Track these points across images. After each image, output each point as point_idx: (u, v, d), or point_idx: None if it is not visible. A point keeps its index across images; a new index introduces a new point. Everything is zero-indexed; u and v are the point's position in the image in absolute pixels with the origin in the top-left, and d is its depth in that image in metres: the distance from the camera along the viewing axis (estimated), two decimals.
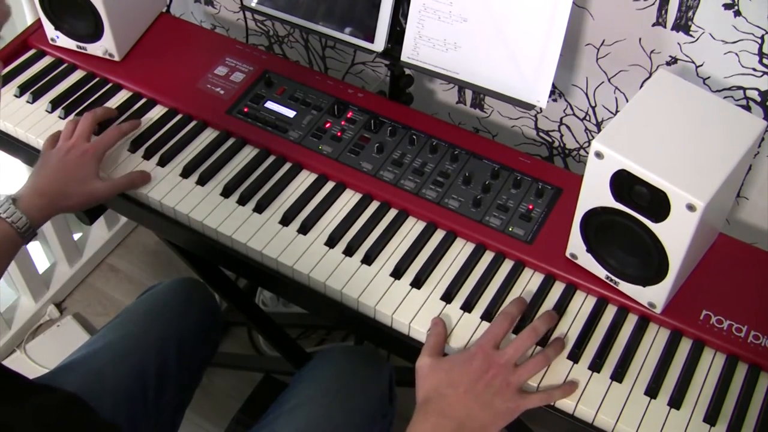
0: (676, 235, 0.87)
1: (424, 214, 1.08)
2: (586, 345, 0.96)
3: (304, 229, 1.06)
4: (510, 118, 1.36)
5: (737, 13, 1.02)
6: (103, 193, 1.08)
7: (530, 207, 1.07)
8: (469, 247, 1.05)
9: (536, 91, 1.10)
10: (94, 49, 1.27)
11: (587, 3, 1.14)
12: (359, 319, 1.01)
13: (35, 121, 1.20)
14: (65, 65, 1.29)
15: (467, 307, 0.99)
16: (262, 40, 1.59)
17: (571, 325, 0.98)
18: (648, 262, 0.92)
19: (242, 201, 1.10)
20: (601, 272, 0.99)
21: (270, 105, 1.21)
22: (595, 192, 0.91)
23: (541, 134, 1.36)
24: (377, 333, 1.00)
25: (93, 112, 1.16)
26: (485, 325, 0.97)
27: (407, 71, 1.28)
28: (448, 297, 1.00)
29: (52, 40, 1.28)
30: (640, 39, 1.13)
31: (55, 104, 1.22)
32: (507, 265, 1.04)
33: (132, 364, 1.12)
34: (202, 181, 1.12)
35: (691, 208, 0.83)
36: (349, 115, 1.19)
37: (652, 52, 1.13)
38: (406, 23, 1.16)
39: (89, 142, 1.11)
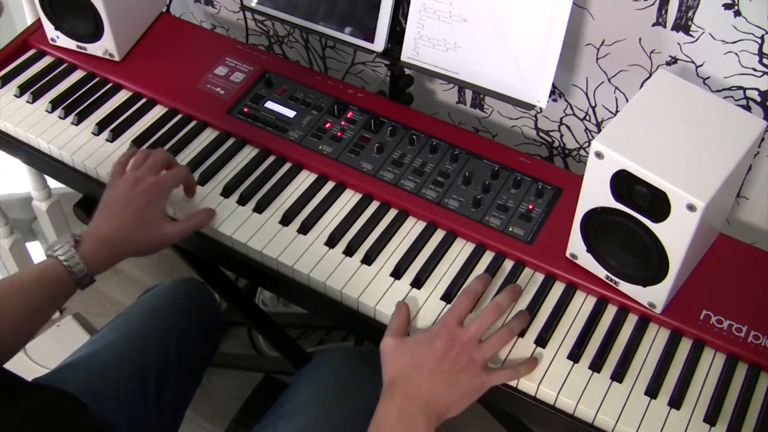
0: (676, 235, 0.87)
1: (424, 214, 1.08)
2: (586, 345, 0.96)
3: (304, 229, 1.06)
4: (510, 118, 1.36)
5: (737, 13, 1.02)
6: (172, 239, 1.02)
7: (530, 207, 1.07)
8: (469, 247, 1.05)
9: (536, 91, 1.10)
10: (94, 49, 1.27)
11: (587, 3, 1.14)
12: (359, 319, 1.01)
13: (35, 121, 1.20)
14: (65, 65, 1.29)
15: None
16: (262, 40, 1.59)
17: (571, 325, 0.98)
18: (648, 262, 0.92)
19: (242, 201, 1.10)
20: (601, 272, 0.99)
21: (270, 105, 1.21)
22: (595, 192, 0.91)
23: (541, 134, 1.36)
24: (377, 333, 1.00)
25: (166, 152, 1.09)
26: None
27: (407, 71, 1.28)
28: (448, 297, 1.00)
29: (52, 40, 1.28)
30: (640, 39, 1.13)
31: (55, 104, 1.22)
32: (507, 265, 1.04)
33: (132, 364, 1.12)
34: (202, 181, 1.12)
35: (691, 208, 0.83)
36: (349, 115, 1.19)
37: (652, 52, 1.13)
38: (406, 23, 1.16)
39: (156, 176, 1.03)
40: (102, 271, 0.97)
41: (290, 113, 1.19)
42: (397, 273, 1.02)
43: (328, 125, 1.18)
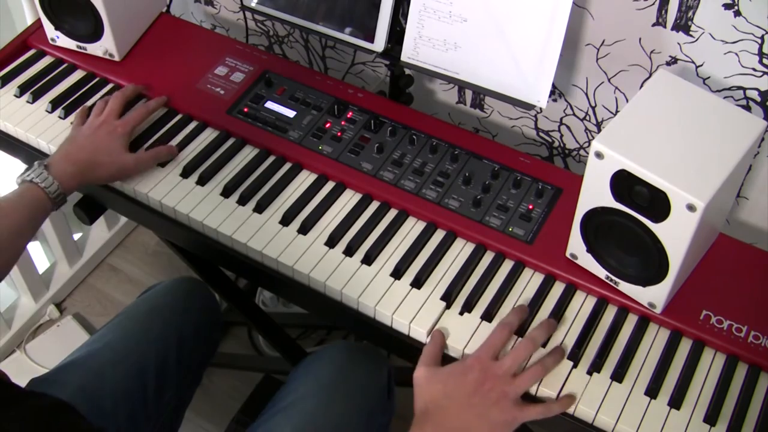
0: (676, 235, 0.87)
1: (424, 214, 1.08)
2: (587, 345, 0.96)
3: (304, 229, 1.06)
4: (510, 118, 1.36)
5: (737, 13, 1.02)
6: (131, 166, 1.10)
7: (530, 207, 1.07)
8: (469, 247, 1.05)
9: (536, 91, 1.10)
10: (94, 49, 1.27)
11: (587, 3, 1.14)
12: (359, 319, 1.01)
13: (35, 121, 1.20)
14: (65, 65, 1.29)
15: (467, 307, 0.99)
16: (262, 40, 1.59)
17: (571, 326, 0.98)
18: (648, 262, 0.92)
19: (242, 201, 1.10)
20: (601, 272, 0.99)
21: (270, 105, 1.21)
22: (595, 192, 0.91)
23: (541, 134, 1.36)
24: (377, 333, 1.00)
25: (122, 91, 1.19)
26: (485, 325, 0.97)
27: (407, 71, 1.28)
28: (448, 297, 1.00)
29: (52, 40, 1.28)
30: (640, 39, 1.13)
31: (55, 104, 1.22)
32: (507, 265, 1.04)
33: (132, 363, 1.12)
34: (202, 181, 1.12)
35: (691, 208, 0.83)
36: (349, 115, 1.19)
37: (652, 52, 1.13)
38: (406, 23, 1.16)
39: (118, 120, 1.13)
40: (73, 190, 1.07)
41: (290, 113, 1.19)
42: (397, 273, 1.02)
43: (328, 125, 1.18)
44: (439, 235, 1.07)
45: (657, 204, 0.86)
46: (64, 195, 1.05)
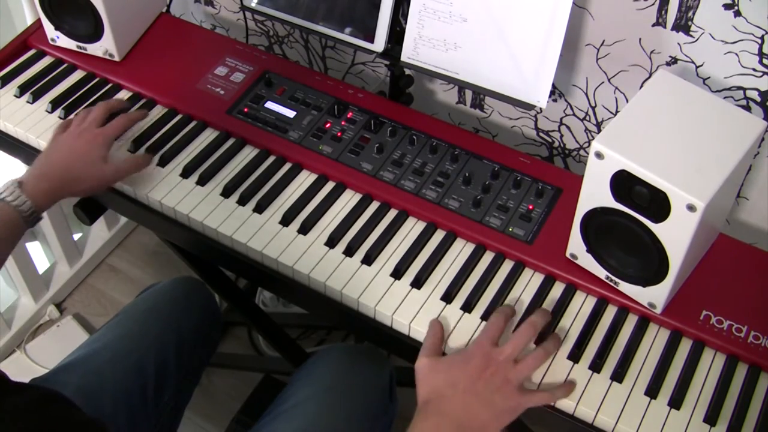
0: (676, 236, 0.87)
1: (424, 214, 1.08)
2: (587, 345, 0.96)
3: (304, 230, 1.06)
4: (510, 118, 1.36)
5: (737, 14, 1.02)
6: (109, 177, 1.08)
7: (530, 207, 1.07)
8: (469, 248, 1.05)
9: (536, 91, 1.10)
10: (94, 49, 1.27)
11: (587, 3, 1.14)
12: (359, 319, 1.01)
13: (35, 121, 1.20)
14: (65, 65, 1.29)
15: (467, 307, 0.99)
16: (262, 40, 1.59)
17: (571, 326, 0.98)
18: (648, 262, 0.92)
19: (242, 201, 1.10)
20: (601, 272, 0.99)
21: (270, 105, 1.21)
22: (595, 192, 0.91)
23: (541, 134, 1.36)
24: (377, 333, 1.00)
25: (106, 102, 1.17)
26: (485, 325, 0.97)
27: (407, 71, 1.28)
28: (448, 297, 1.00)
29: (52, 40, 1.28)
30: (640, 39, 1.13)
31: (55, 104, 1.22)
32: (507, 266, 1.04)
33: (131, 363, 1.12)
34: (202, 182, 1.12)
35: (691, 208, 0.83)
36: (349, 116, 1.19)
37: (652, 52, 1.13)
38: (406, 23, 1.16)
39: (99, 128, 1.11)
40: (47, 208, 1.03)
41: (290, 113, 1.19)
42: (397, 273, 1.02)
43: (328, 125, 1.18)
44: (439, 236, 1.07)
45: (657, 204, 0.86)
46: (37, 213, 1.02)
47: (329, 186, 1.12)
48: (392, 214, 1.09)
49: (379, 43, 1.19)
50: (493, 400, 0.88)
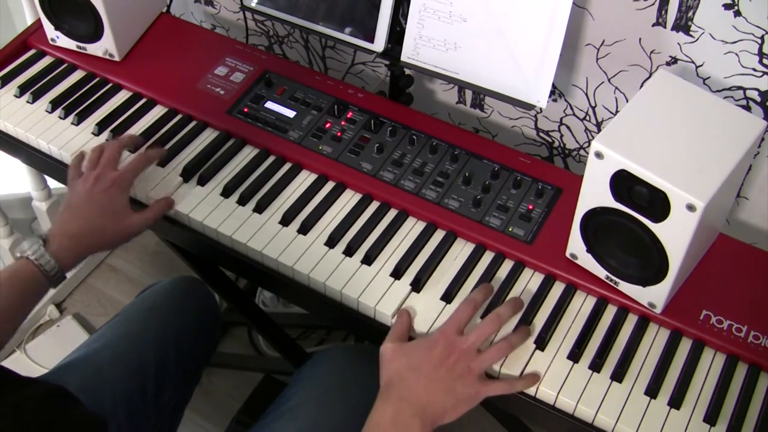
0: (676, 236, 0.87)
1: (424, 214, 1.08)
2: (586, 345, 0.96)
3: (304, 230, 1.06)
4: (510, 118, 1.36)
5: (737, 13, 1.02)
6: (138, 228, 1.04)
7: (530, 207, 1.07)
8: (469, 248, 1.05)
9: (536, 91, 1.10)
10: (94, 49, 1.27)
11: (587, 3, 1.14)
12: (359, 319, 1.01)
13: (35, 121, 1.20)
14: (65, 65, 1.29)
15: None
16: (262, 40, 1.59)
17: (571, 325, 0.98)
18: (648, 262, 0.92)
19: (242, 201, 1.10)
20: (601, 272, 0.99)
21: (270, 105, 1.21)
22: (595, 192, 0.91)
23: (541, 134, 1.36)
24: (377, 333, 1.00)
25: (118, 139, 1.12)
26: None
27: (407, 71, 1.28)
28: (447, 297, 1.00)
29: (52, 40, 1.28)
30: (640, 39, 1.13)
31: (55, 104, 1.22)
32: (507, 265, 1.04)
33: (131, 362, 1.12)
34: (202, 182, 1.12)
35: (691, 208, 0.83)
36: (349, 116, 1.19)
37: (652, 52, 1.13)
38: (406, 23, 1.16)
39: (116, 171, 1.05)
40: (72, 267, 0.99)
41: (290, 113, 1.20)
42: (397, 273, 1.02)
43: (328, 125, 1.18)
44: (439, 235, 1.07)
45: (657, 204, 0.86)
46: (62, 272, 0.98)
47: (329, 186, 1.12)
48: (392, 214, 1.09)
49: (379, 43, 1.19)
50: (454, 387, 0.89)
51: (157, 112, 1.22)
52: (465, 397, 0.89)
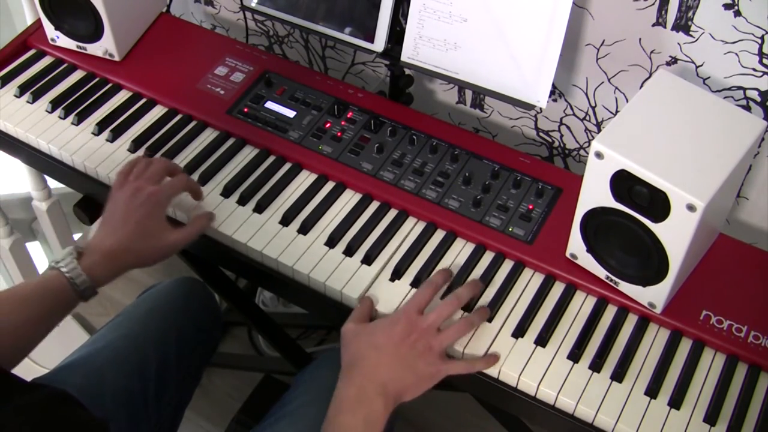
0: (676, 236, 0.87)
1: (424, 214, 1.08)
2: (587, 345, 0.96)
3: (304, 229, 1.06)
4: (510, 118, 1.36)
5: (737, 13, 1.02)
6: (176, 246, 1.01)
7: (530, 207, 1.07)
8: (469, 248, 1.05)
9: (536, 91, 1.10)
10: (94, 49, 1.27)
11: (587, 3, 1.14)
12: None
13: (35, 121, 1.20)
14: (65, 65, 1.29)
15: (467, 307, 0.99)
16: (262, 40, 1.59)
17: (571, 325, 0.98)
18: (648, 262, 0.92)
19: (242, 201, 1.10)
20: (601, 272, 0.99)
21: (270, 105, 1.21)
22: (595, 192, 0.91)
23: (541, 134, 1.36)
24: None
25: (171, 162, 1.09)
26: (486, 325, 0.97)
27: (407, 71, 1.28)
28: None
29: (52, 40, 1.28)
30: (640, 39, 1.13)
31: (55, 104, 1.22)
32: (507, 265, 1.04)
33: (132, 363, 1.12)
34: (202, 182, 1.12)
35: (691, 208, 0.83)
36: (349, 115, 1.19)
37: (652, 52, 1.13)
38: (406, 23, 1.16)
39: (155, 186, 1.02)
40: (106, 283, 0.96)
41: (290, 113, 1.20)
42: (397, 273, 1.02)
43: (328, 125, 1.18)
44: (439, 235, 1.07)
45: (657, 204, 0.86)
46: (93, 288, 0.95)
47: (329, 186, 1.12)
48: (392, 214, 1.09)
49: (379, 43, 1.19)
50: (415, 365, 0.90)
51: (157, 112, 1.22)
52: (426, 375, 0.91)
